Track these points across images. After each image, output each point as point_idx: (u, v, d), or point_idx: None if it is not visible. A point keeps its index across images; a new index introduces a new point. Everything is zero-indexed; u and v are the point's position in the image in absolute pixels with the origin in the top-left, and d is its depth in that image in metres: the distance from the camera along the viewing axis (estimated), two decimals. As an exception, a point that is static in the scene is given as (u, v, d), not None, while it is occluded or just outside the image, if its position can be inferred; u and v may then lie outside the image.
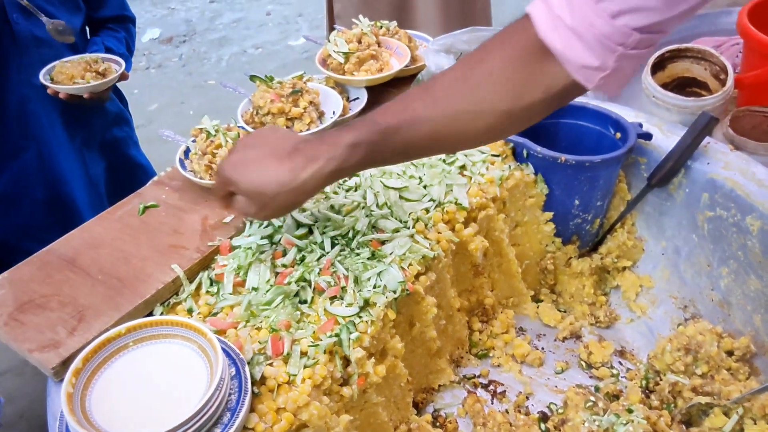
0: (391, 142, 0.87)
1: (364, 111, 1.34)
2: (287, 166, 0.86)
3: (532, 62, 0.80)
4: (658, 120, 1.31)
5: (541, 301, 1.37)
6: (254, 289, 0.98)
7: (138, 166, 1.91)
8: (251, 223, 1.09)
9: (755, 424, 1.03)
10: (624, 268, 1.36)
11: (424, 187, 1.17)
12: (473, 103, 0.85)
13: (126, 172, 1.85)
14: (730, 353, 1.13)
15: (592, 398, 1.11)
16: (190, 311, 0.98)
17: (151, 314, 0.98)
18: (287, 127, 1.20)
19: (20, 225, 1.58)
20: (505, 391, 1.20)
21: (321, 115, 1.26)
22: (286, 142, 0.89)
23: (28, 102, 1.52)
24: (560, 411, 1.12)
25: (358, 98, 1.36)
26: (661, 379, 1.14)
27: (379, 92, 1.40)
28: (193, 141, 1.20)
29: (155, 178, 1.21)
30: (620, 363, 1.25)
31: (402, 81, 1.42)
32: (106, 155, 1.81)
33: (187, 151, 1.21)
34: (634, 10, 0.71)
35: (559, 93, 0.81)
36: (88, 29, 1.77)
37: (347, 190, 1.16)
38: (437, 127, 0.87)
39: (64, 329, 0.91)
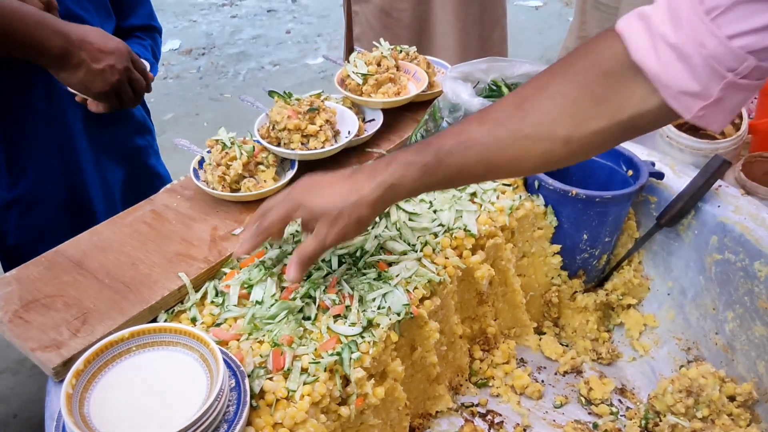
0: (444, 164, 0.86)
1: (379, 133, 1.35)
2: (348, 183, 0.90)
3: (610, 84, 0.74)
4: (671, 160, 1.32)
5: (544, 333, 1.36)
6: (259, 302, 0.98)
7: (156, 176, 1.91)
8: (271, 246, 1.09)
9: (754, 471, 1.02)
10: (629, 306, 1.35)
11: (434, 212, 1.18)
12: (529, 125, 0.81)
13: (144, 181, 1.85)
14: (732, 398, 1.12)
15: (591, 435, 1.10)
16: (194, 320, 0.98)
17: (155, 321, 0.98)
18: (302, 143, 1.21)
19: (37, 228, 1.58)
20: (503, 421, 1.19)
21: (336, 134, 1.27)
22: (346, 170, 0.94)
23: (55, 106, 1.53)
24: (557, 446, 1.12)
25: (374, 119, 1.37)
26: (660, 420, 1.13)
27: (396, 115, 1.41)
28: (208, 152, 1.21)
29: (168, 186, 1.22)
30: (620, 401, 1.24)
31: (419, 105, 1.43)
32: (126, 163, 1.82)
33: (201, 162, 1.22)
34: (758, 31, 0.62)
35: (644, 120, 0.75)
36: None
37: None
38: (490, 151, 0.84)
39: (68, 330, 0.91)
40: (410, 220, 1.15)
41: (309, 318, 0.97)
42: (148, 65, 1.37)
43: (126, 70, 1.23)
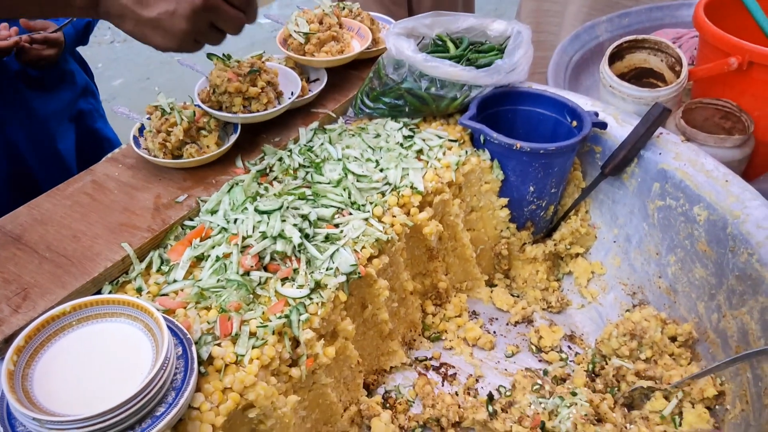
0: None
1: (324, 93, 1.33)
2: None
3: None
4: (614, 110, 1.33)
5: (495, 285, 1.39)
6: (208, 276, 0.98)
7: (106, 140, 1.88)
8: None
9: (693, 407, 1.07)
10: (577, 255, 1.38)
11: (381, 170, 1.18)
12: None
13: (94, 146, 1.82)
14: (673, 339, 1.16)
15: (540, 381, 1.13)
16: (139, 290, 0.98)
17: (99, 293, 0.97)
18: (244, 107, 1.19)
19: None
20: (456, 373, 1.22)
21: (279, 96, 1.25)
22: None
23: None
24: (508, 394, 1.15)
25: (318, 79, 1.35)
26: (606, 363, 1.17)
27: (340, 74, 1.40)
28: (148, 118, 1.19)
29: (108, 155, 1.19)
30: (570, 347, 1.27)
31: (363, 63, 1.42)
32: (74, 128, 1.78)
33: (142, 129, 1.20)
34: None
35: None
36: None
37: (306, 171, 1.16)
38: None
39: (8, 307, 0.90)
40: (358, 180, 1.15)
41: (258, 284, 0.97)
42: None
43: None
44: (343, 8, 1.47)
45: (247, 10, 0.97)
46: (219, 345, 0.89)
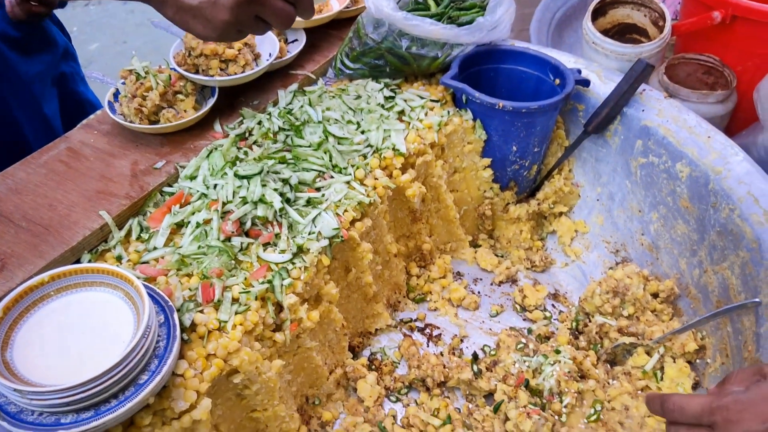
0: None
1: (302, 54, 1.31)
2: None
3: None
4: (597, 66, 1.32)
5: (479, 246, 1.39)
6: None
7: (88, 103, 1.85)
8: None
9: (674, 362, 1.08)
10: (560, 214, 1.38)
11: (362, 132, 1.16)
12: None
13: (76, 110, 1.79)
14: (655, 295, 1.17)
15: (524, 340, 1.14)
16: (119, 259, 0.96)
17: (78, 262, 0.96)
18: (221, 69, 1.16)
19: None
20: (440, 334, 1.23)
21: (257, 57, 1.22)
22: None
23: None
24: (492, 353, 1.16)
25: (296, 40, 1.32)
26: (590, 321, 1.18)
27: (319, 34, 1.37)
28: (123, 83, 1.16)
29: (83, 122, 1.17)
30: (554, 306, 1.28)
31: (342, 23, 1.39)
32: (57, 91, 1.75)
33: (117, 94, 1.17)
34: None
35: None
36: None
37: (286, 135, 1.14)
38: None
39: (-15, 278, 0.89)
40: (339, 143, 1.13)
41: (240, 250, 0.97)
42: None
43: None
44: (321, -34, 1.44)
45: (297, 2, 0.91)
46: (201, 312, 0.88)
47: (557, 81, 1.26)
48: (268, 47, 1.25)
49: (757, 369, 0.71)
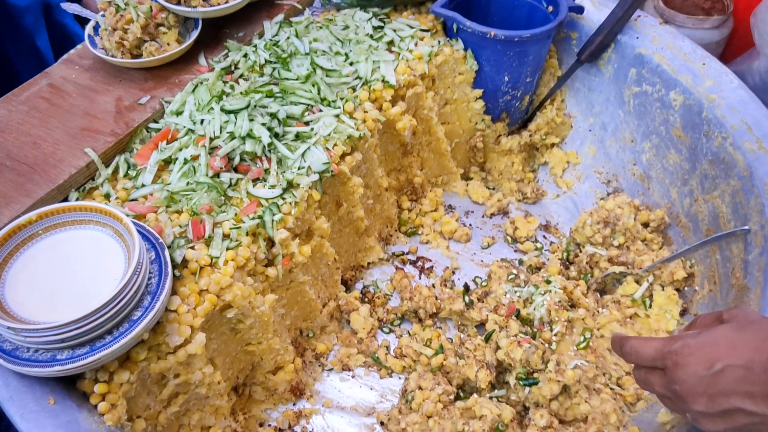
0: None
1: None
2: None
3: None
4: (592, -8, 1.28)
5: (471, 179, 1.38)
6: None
7: (75, 36, 1.80)
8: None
9: (663, 290, 1.10)
10: (552, 145, 1.37)
11: (351, 64, 1.13)
12: None
13: (65, 42, 1.75)
14: (646, 225, 1.17)
15: (515, 271, 1.15)
16: (107, 196, 0.95)
17: (66, 201, 0.95)
18: (204, 0, 1.12)
19: None
20: (432, 266, 1.24)
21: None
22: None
23: None
24: (484, 284, 1.17)
25: (281, -32, 1.28)
26: (580, 251, 1.19)
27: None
28: (103, 15, 1.12)
29: (64, 56, 1.13)
30: (545, 237, 1.29)
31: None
32: (46, 22, 1.71)
33: (97, 28, 1.13)
34: None
35: None
36: None
37: (273, 68, 1.11)
38: None
39: (-28, 218, 0.88)
40: (327, 75, 1.11)
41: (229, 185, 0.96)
42: None
43: None
44: None
45: None
46: (192, 248, 0.88)
47: (550, 8, 1.23)
48: (251, -24, 1.20)
49: (717, 315, 0.71)
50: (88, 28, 1.13)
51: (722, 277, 1.01)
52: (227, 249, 0.89)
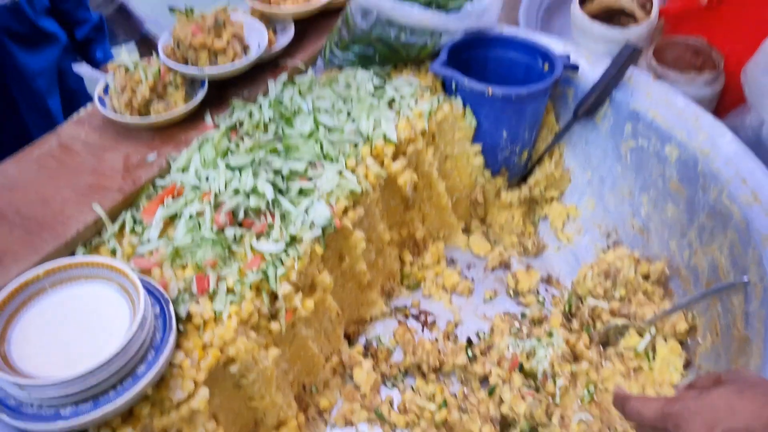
0: None
1: (291, 44, 1.31)
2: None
3: None
4: (586, 51, 1.32)
5: (472, 232, 1.40)
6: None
7: (86, 98, 1.87)
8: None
9: (666, 342, 1.10)
10: (552, 199, 1.39)
11: (353, 121, 1.16)
12: None
13: (77, 105, 1.81)
14: (646, 277, 1.18)
15: (517, 324, 1.15)
16: (113, 252, 0.97)
17: (73, 256, 0.97)
18: (210, 61, 1.16)
19: None
20: (435, 320, 1.24)
21: (246, 49, 1.22)
22: None
23: None
24: (486, 337, 1.17)
25: (285, 31, 1.32)
26: (582, 304, 1.19)
27: (307, 24, 1.37)
28: (112, 77, 1.16)
29: (73, 117, 1.17)
30: (546, 290, 1.30)
31: (331, 12, 1.38)
32: (60, 87, 1.78)
33: (107, 89, 1.17)
34: None
35: None
36: None
37: (277, 125, 1.14)
38: None
39: (-19, 274, 0.89)
40: (329, 132, 1.14)
41: (234, 240, 0.97)
42: None
43: None
44: (308, -45, 1.43)
45: None
46: (197, 302, 0.89)
47: (546, 66, 1.27)
48: (256, 38, 1.24)
49: (716, 376, 0.71)
50: (98, 89, 1.16)
51: (724, 329, 1.01)
52: (231, 303, 0.90)
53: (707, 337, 1.06)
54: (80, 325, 0.81)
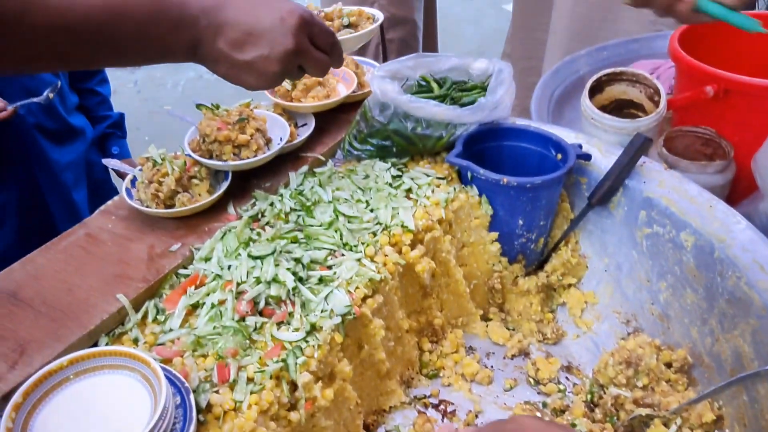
0: None
1: (312, 137, 1.36)
2: None
3: None
4: (598, 141, 1.36)
5: (490, 319, 1.39)
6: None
7: (113, 190, 1.93)
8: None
9: (693, 433, 1.07)
10: (569, 286, 1.39)
11: (371, 210, 1.19)
12: None
13: (104, 197, 1.87)
14: (669, 365, 1.16)
15: (539, 414, 1.13)
16: (135, 341, 0.98)
17: (96, 345, 0.98)
18: (234, 154, 1.21)
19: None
20: (455, 410, 1.22)
21: (268, 142, 1.27)
22: None
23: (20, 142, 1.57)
24: (508, 428, 1.14)
25: (306, 124, 1.38)
26: (604, 393, 1.17)
27: (327, 118, 1.42)
28: (140, 170, 1.20)
29: (101, 208, 1.21)
30: (567, 378, 1.28)
31: (349, 107, 1.45)
32: (87, 180, 1.85)
33: (134, 181, 1.21)
34: None
35: None
36: None
37: (298, 215, 1.17)
38: None
39: (5, 363, 0.90)
40: (349, 222, 1.16)
41: (254, 329, 0.98)
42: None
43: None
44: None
45: (331, 53, 1.05)
46: (217, 392, 0.89)
47: (559, 156, 1.30)
48: (278, 132, 1.30)
49: None
50: (126, 182, 1.21)
51: (751, 419, 0.99)
52: (251, 393, 0.90)
53: (735, 428, 1.04)
54: (102, 416, 0.81)
